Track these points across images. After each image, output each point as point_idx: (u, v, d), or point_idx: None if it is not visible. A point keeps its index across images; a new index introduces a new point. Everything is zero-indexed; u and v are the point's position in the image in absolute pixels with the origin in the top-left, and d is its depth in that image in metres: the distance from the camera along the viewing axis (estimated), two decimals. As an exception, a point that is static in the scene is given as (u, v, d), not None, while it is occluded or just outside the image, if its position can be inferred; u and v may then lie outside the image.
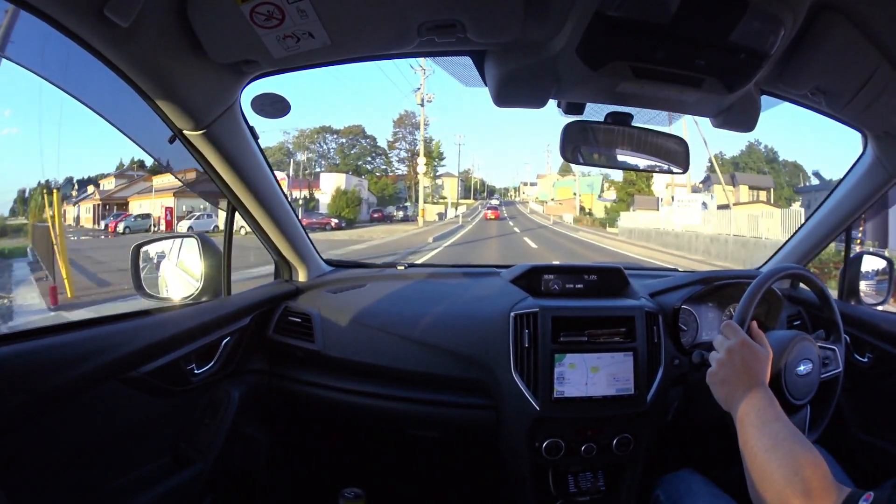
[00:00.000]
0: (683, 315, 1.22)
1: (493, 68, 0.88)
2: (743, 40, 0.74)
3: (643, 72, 0.82)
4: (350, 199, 27.32)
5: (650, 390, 1.10)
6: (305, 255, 1.32)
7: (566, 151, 1.01)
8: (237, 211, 1.12)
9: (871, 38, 0.76)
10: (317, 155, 37.70)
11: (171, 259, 1.13)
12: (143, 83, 0.76)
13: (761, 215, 12.27)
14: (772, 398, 0.71)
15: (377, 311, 1.23)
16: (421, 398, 1.17)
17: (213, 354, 1.05)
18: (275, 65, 0.81)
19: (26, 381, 0.67)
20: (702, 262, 11.73)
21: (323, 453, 1.40)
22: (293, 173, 30.11)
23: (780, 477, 0.60)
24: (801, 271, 1.04)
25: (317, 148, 38.10)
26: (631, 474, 1.14)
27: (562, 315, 1.10)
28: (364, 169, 38.54)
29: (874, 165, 1.16)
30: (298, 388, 1.22)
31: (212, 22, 0.70)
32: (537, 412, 1.05)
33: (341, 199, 27.12)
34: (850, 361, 1.20)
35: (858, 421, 1.25)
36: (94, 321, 0.85)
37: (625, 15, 0.71)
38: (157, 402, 0.92)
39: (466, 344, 1.15)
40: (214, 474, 1.00)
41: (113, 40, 0.66)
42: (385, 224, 26.82)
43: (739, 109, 0.96)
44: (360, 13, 0.72)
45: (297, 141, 36.42)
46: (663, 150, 1.05)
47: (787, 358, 0.86)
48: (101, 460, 0.82)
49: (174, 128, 0.88)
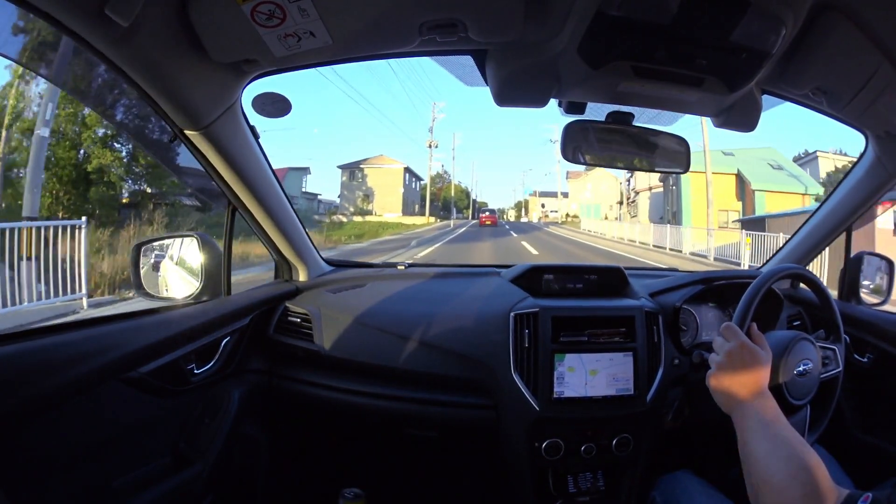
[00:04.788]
0: (683, 315, 1.22)
1: (495, 68, 0.88)
2: (744, 40, 0.74)
3: (644, 71, 0.82)
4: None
5: (650, 390, 1.10)
6: (305, 255, 1.32)
7: (567, 151, 1.01)
8: (237, 210, 1.12)
9: (871, 38, 0.76)
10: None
11: (172, 258, 1.12)
12: (144, 83, 0.76)
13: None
14: (771, 401, 0.71)
15: (377, 310, 1.23)
16: (421, 398, 1.17)
17: (214, 354, 1.05)
18: (276, 64, 0.81)
19: (26, 381, 0.67)
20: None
21: (323, 453, 1.40)
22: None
23: (778, 480, 0.60)
24: (801, 271, 1.04)
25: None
26: (630, 474, 1.14)
27: (562, 315, 1.10)
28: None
29: (875, 165, 1.16)
30: (298, 387, 1.22)
31: (212, 21, 0.70)
32: (537, 412, 1.05)
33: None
34: (850, 361, 1.20)
35: (858, 421, 1.25)
36: (94, 321, 0.85)
37: (626, 14, 0.71)
38: (157, 402, 0.91)
39: (466, 344, 1.15)
40: (214, 474, 1.00)
41: (113, 40, 0.66)
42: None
43: (740, 109, 0.96)
44: (362, 12, 0.72)
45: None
46: (664, 150, 1.05)
47: (787, 358, 0.86)
48: (101, 460, 0.82)
49: (175, 127, 0.87)
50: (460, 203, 49.00)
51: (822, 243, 1.35)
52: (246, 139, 0.99)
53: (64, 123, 10.14)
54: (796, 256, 1.39)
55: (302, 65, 0.86)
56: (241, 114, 0.95)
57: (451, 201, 43.80)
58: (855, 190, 1.23)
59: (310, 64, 0.87)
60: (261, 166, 1.05)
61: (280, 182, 1.14)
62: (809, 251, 1.37)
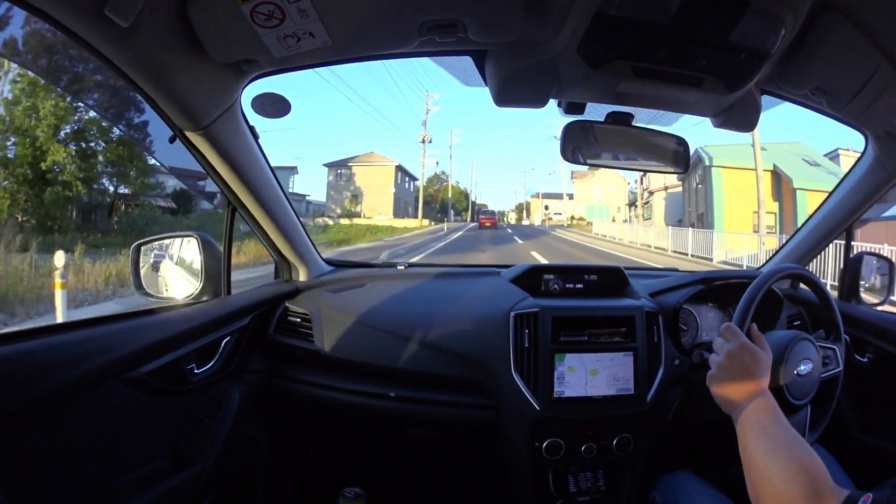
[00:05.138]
0: (684, 315, 1.22)
1: (494, 68, 0.88)
2: (743, 40, 0.74)
3: (644, 71, 0.82)
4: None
5: (650, 390, 1.10)
6: (305, 255, 1.32)
7: (566, 151, 1.01)
8: (237, 210, 1.12)
9: (871, 38, 0.76)
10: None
11: (171, 258, 1.12)
12: (144, 83, 0.76)
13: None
14: (772, 401, 0.71)
15: (377, 310, 1.23)
16: (421, 398, 1.17)
17: (214, 354, 1.05)
18: (275, 64, 0.81)
19: (26, 381, 0.67)
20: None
21: (323, 453, 1.40)
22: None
23: (779, 481, 0.60)
24: (802, 271, 1.04)
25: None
26: (631, 474, 1.14)
27: (562, 315, 1.10)
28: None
29: (875, 165, 1.16)
30: (298, 387, 1.22)
31: (212, 21, 0.70)
32: (537, 412, 1.05)
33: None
34: (850, 361, 1.20)
35: (858, 421, 1.25)
36: (94, 321, 0.85)
37: (625, 14, 0.71)
38: (157, 402, 0.92)
39: (466, 344, 1.15)
40: (214, 474, 1.00)
41: (113, 40, 0.66)
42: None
43: (740, 109, 0.96)
44: (361, 13, 0.72)
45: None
46: (664, 150, 1.05)
47: (788, 358, 0.86)
48: (101, 460, 0.82)
49: (174, 127, 0.87)
50: (459, 205, 46.75)
51: (822, 243, 1.35)
52: (246, 139, 0.99)
53: (23, 118, 9.37)
54: (796, 256, 1.39)
55: (301, 65, 0.86)
56: (241, 114, 0.95)
57: (448, 203, 41.30)
58: (855, 190, 1.23)
59: (309, 64, 0.87)
60: (260, 166, 1.05)
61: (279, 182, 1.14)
62: (809, 251, 1.37)
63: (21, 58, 1.72)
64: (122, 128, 8.60)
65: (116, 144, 11.19)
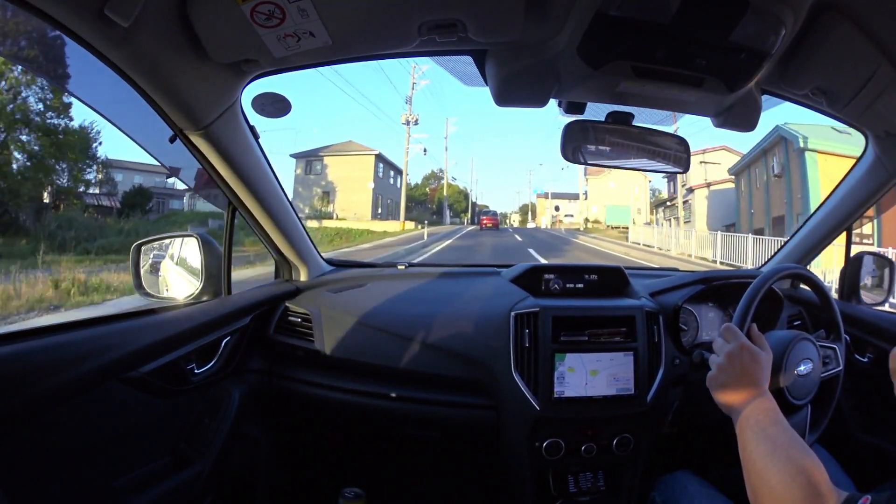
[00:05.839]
0: (684, 315, 1.22)
1: (494, 67, 0.88)
2: (744, 40, 0.74)
3: (644, 71, 0.82)
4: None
5: (650, 390, 1.10)
6: (306, 255, 1.32)
7: (567, 151, 1.01)
8: (238, 210, 1.12)
9: (871, 38, 0.76)
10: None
11: (172, 258, 1.12)
12: (144, 83, 0.76)
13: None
14: (771, 402, 0.71)
15: (377, 310, 1.23)
16: (421, 398, 1.17)
17: (214, 354, 1.05)
18: (275, 64, 0.81)
19: (26, 381, 0.67)
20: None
21: (323, 453, 1.40)
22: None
23: (777, 483, 0.60)
24: (802, 271, 1.04)
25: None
26: (631, 474, 1.14)
27: (562, 315, 1.10)
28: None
29: (875, 165, 1.16)
30: (299, 387, 1.22)
31: (212, 21, 0.70)
32: (538, 412, 1.05)
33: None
34: (851, 361, 1.20)
35: (858, 421, 1.25)
36: (94, 321, 0.85)
37: (626, 14, 0.71)
38: (157, 402, 0.92)
39: (467, 343, 1.15)
40: (214, 474, 1.00)
41: (113, 40, 0.66)
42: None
43: (740, 109, 0.96)
44: (361, 12, 0.72)
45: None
46: (664, 150, 1.05)
47: (788, 358, 0.86)
48: (101, 460, 0.82)
49: (174, 127, 0.87)
50: (457, 206, 40.54)
51: (823, 243, 1.35)
52: (246, 139, 0.99)
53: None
54: (796, 256, 1.39)
55: (301, 65, 0.86)
56: (241, 114, 0.95)
57: (444, 202, 35.13)
58: (855, 190, 1.23)
59: (309, 64, 0.87)
60: (261, 166, 1.06)
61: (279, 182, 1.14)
62: (809, 251, 1.38)
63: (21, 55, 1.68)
64: (123, 128, 8.47)
65: (41, 134, 9.91)
